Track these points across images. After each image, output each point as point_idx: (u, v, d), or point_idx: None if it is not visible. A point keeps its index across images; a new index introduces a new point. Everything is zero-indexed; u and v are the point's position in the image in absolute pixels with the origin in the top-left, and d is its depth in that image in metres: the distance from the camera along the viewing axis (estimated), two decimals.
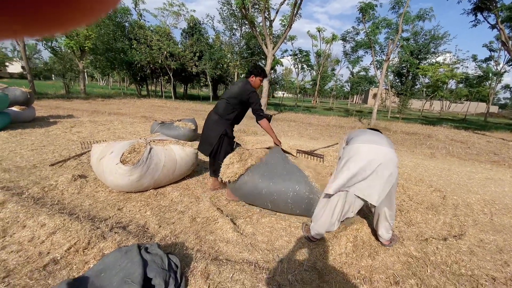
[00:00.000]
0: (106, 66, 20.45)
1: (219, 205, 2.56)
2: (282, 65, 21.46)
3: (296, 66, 26.68)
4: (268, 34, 12.10)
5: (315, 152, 3.80)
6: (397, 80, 20.90)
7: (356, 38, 18.54)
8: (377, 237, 2.03)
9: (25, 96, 5.79)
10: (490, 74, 22.85)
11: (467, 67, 30.60)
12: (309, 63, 25.97)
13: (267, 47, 12.22)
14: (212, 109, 2.75)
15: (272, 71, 22.66)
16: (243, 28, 19.62)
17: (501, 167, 5.08)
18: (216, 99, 21.44)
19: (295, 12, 11.51)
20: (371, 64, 16.75)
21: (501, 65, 21.67)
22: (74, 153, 3.79)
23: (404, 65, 19.06)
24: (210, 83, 22.89)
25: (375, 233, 2.05)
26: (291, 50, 24.54)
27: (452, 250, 1.97)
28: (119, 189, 2.60)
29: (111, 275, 1.30)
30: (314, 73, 28.84)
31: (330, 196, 1.93)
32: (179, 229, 2.07)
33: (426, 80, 20.08)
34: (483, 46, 21.62)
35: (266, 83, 12.83)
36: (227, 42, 20.61)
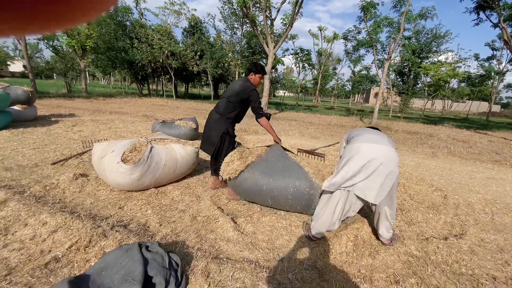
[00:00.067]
0: (108, 65, 20.48)
1: (220, 204, 2.56)
2: (283, 64, 21.45)
3: (297, 65, 26.63)
4: (269, 33, 12.07)
5: (316, 152, 3.80)
6: (399, 79, 20.82)
7: (358, 37, 18.44)
8: (378, 236, 2.02)
9: (27, 95, 5.81)
10: (492, 73, 22.73)
11: (469, 66, 30.43)
12: (310, 62, 25.90)
13: (268, 46, 12.20)
14: (213, 108, 2.76)
15: (273, 70, 22.65)
16: (244, 27, 19.59)
17: (503, 167, 5.06)
18: (217, 98, 21.41)
19: (296, 11, 11.48)
20: (373, 63, 16.68)
21: (504, 64, 21.54)
22: (76, 152, 3.80)
23: (406, 64, 18.98)
24: (211, 82, 22.87)
25: (376, 232, 2.05)
26: (292, 49, 24.37)
27: (453, 250, 1.97)
28: (120, 188, 2.61)
29: (112, 273, 1.31)
30: (315, 72, 28.75)
31: (331, 195, 1.93)
32: (180, 228, 2.08)
33: (428, 79, 19.98)
34: (485, 45, 21.51)
35: (267, 82, 12.79)
36: (228, 41, 20.57)
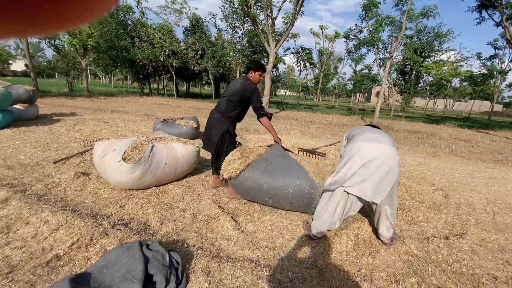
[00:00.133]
0: (109, 64, 20.50)
1: (221, 203, 2.57)
2: (285, 63, 21.38)
3: (299, 64, 26.60)
4: (270, 32, 12.04)
5: (317, 151, 3.80)
6: (400, 78, 20.72)
7: (359, 36, 18.39)
8: (378, 236, 2.02)
9: (29, 94, 5.84)
10: (495, 72, 22.64)
11: (472, 65, 30.26)
12: (312, 61, 25.87)
13: (269, 45, 12.17)
14: (214, 107, 2.76)
15: (275, 69, 22.58)
16: (245, 26, 19.56)
17: (505, 166, 5.04)
18: (218, 97, 21.37)
19: (298, 10, 11.44)
20: (374, 62, 16.63)
21: (506, 63, 21.46)
22: (77, 151, 3.82)
23: (408, 63, 18.89)
24: (212, 81, 22.86)
25: (376, 232, 2.05)
26: (294, 48, 24.34)
27: (454, 249, 1.96)
28: (121, 187, 2.61)
29: (113, 272, 1.32)
30: (317, 71, 28.71)
31: (332, 195, 1.93)
32: (181, 227, 2.08)
33: (430, 78, 19.89)
34: (488, 44, 21.40)
35: (268, 81, 12.77)
36: (229, 40, 20.55)
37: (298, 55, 24.91)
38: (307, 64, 26.44)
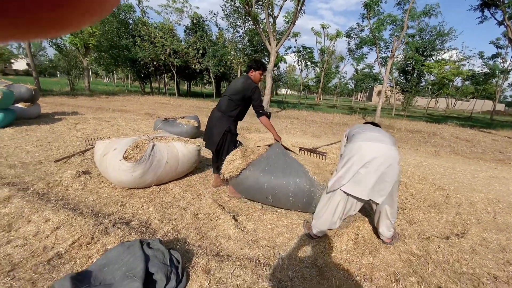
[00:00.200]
0: (110, 63, 20.52)
1: (221, 202, 2.57)
2: (286, 62, 21.28)
3: (300, 63, 26.50)
4: (272, 31, 12.02)
5: (318, 150, 3.80)
6: (402, 77, 20.64)
7: (361, 35, 18.29)
8: (378, 235, 2.02)
9: (30, 93, 5.85)
10: (497, 72, 22.49)
11: (474, 64, 30.24)
12: (313, 60, 25.75)
13: (271, 44, 12.15)
14: (215, 107, 2.77)
15: (276, 68, 22.54)
16: (247, 25, 19.54)
17: (506, 166, 5.02)
18: (219, 96, 21.38)
19: (299, 9, 11.40)
20: (376, 61, 16.56)
21: (508, 62, 21.32)
22: (79, 150, 3.83)
23: (409, 62, 18.80)
24: (213, 80, 22.86)
25: (377, 231, 2.05)
26: (295, 47, 24.19)
27: (454, 249, 1.96)
28: (122, 185, 2.62)
29: (114, 270, 1.32)
30: (318, 70, 28.62)
31: (332, 194, 1.92)
32: (181, 225, 2.09)
33: (432, 78, 19.81)
34: (490, 43, 21.26)
35: (269, 80, 12.75)
36: (231, 39, 20.54)
37: (300, 54, 24.80)
38: (309, 63, 26.33)
